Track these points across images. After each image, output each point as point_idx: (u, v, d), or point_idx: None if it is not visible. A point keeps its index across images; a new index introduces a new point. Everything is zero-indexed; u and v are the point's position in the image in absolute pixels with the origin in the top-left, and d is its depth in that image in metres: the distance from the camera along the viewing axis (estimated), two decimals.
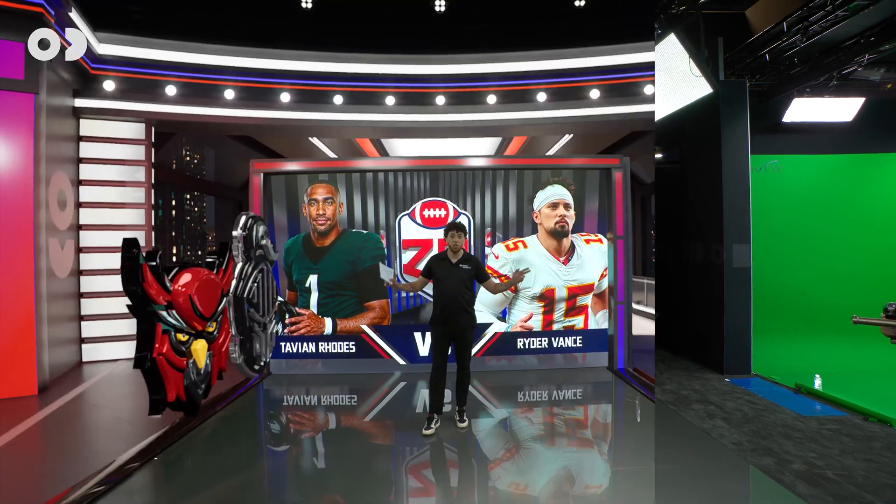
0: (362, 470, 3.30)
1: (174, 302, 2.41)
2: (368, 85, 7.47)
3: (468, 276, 3.90)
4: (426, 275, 4.02)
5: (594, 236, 5.84)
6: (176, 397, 2.50)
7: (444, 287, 3.85)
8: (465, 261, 3.92)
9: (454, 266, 3.88)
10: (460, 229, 3.90)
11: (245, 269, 3.36)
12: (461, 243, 3.90)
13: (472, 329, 3.98)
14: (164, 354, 2.39)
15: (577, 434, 4.26)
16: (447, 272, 3.87)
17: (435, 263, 3.95)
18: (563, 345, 5.80)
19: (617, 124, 7.86)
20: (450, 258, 3.91)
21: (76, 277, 6.41)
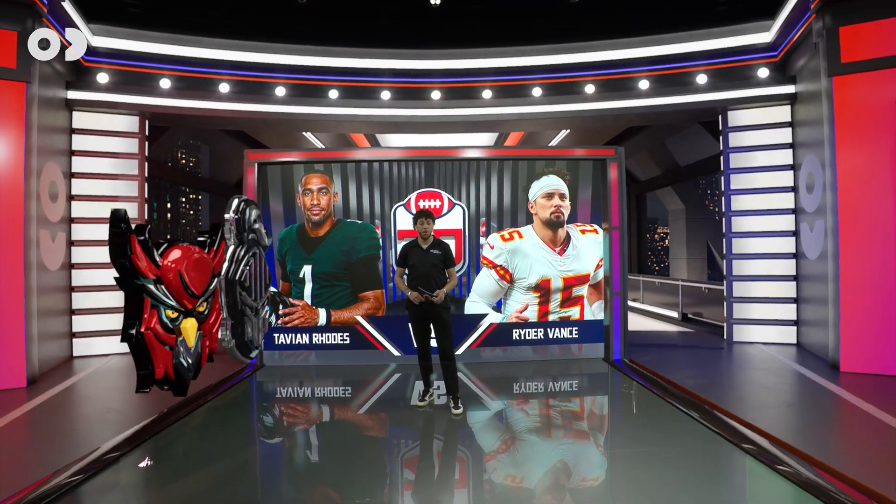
0: (356, 462, 3.24)
1: (163, 277, 2.37)
2: (364, 80, 7.46)
3: (438, 261, 4.05)
4: (401, 263, 4.16)
5: (590, 226, 5.81)
6: (164, 375, 2.39)
7: (417, 272, 4.00)
8: (435, 246, 4.08)
9: (425, 252, 4.05)
10: (429, 216, 4.08)
11: (237, 252, 3.34)
12: (430, 229, 4.07)
13: (447, 311, 4.09)
14: (151, 329, 2.34)
15: (574, 426, 4.19)
16: (419, 257, 4.03)
17: (408, 251, 4.12)
18: (558, 336, 5.75)
19: (612, 119, 7.90)
20: (420, 244, 4.07)
21: (67, 271, 6.34)
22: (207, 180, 11.29)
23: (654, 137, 10.43)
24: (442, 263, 4.06)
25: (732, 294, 6.95)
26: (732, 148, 7.00)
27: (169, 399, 4.13)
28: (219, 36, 7.05)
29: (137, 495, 2.81)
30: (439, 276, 4.03)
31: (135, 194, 6.76)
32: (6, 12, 5.12)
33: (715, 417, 3.84)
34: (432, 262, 4.01)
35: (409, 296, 4.01)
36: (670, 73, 7.19)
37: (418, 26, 7.83)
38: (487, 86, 7.58)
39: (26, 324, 5.14)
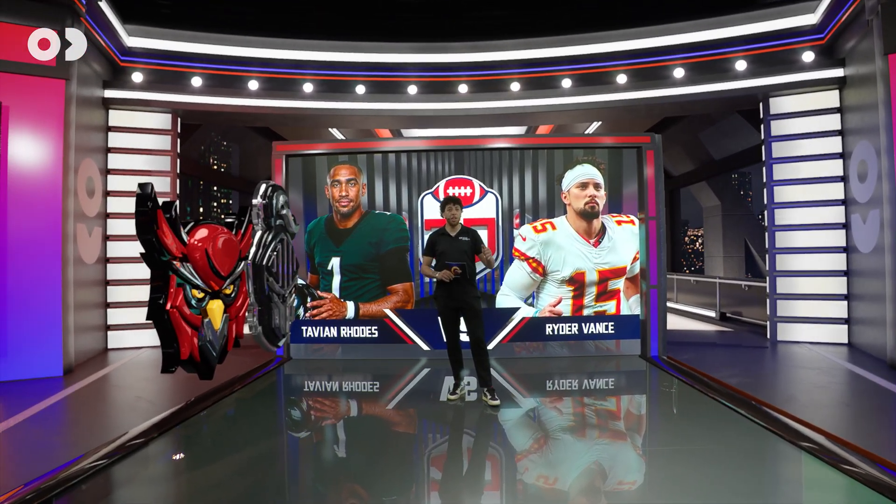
0: (384, 458, 3.13)
1: (190, 256, 2.38)
2: (390, 74, 7.42)
3: (468, 248, 3.92)
4: (429, 252, 4.02)
5: (626, 217, 5.58)
6: (190, 357, 2.36)
7: (446, 260, 3.86)
8: (463, 233, 3.96)
9: (454, 239, 3.92)
10: (457, 203, 3.96)
11: (265, 237, 3.27)
12: (459, 216, 3.95)
13: (479, 300, 3.97)
14: (177, 307, 2.31)
15: (611, 425, 3.96)
16: (448, 245, 3.90)
17: (436, 239, 3.99)
18: (593, 331, 5.53)
19: (645, 109, 7.64)
20: (449, 232, 3.95)
21: (103, 265, 6.47)
22: (237, 178, 11.48)
23: (687, 130, 10.08)
24: (472, 251, 3.94)
25: (776, 291, 6.59)
26: (775, 137, 6.65)
27: (196, 389, 4.17)
28: (248, 34, 7.13)
29: (162, 479, 2.76)
30: (469, 266, 3.90)
31: (167, 190, 6.86)
32: (46, 12, 5.25)
33: (766, 414, 3.58)
34: (462, 250, 3.89)
35: (437, 276, 3.84)
36: (707, 59, 6.90)
37: (444, 19, 7.76)
38: (515, 78, 7.43)
39: (63, 316, 5.24)
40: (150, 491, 2.70)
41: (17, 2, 5.12)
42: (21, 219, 5.06)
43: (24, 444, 3.32)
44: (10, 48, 5.12)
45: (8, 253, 4.98)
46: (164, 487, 2.80)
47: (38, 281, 5.12)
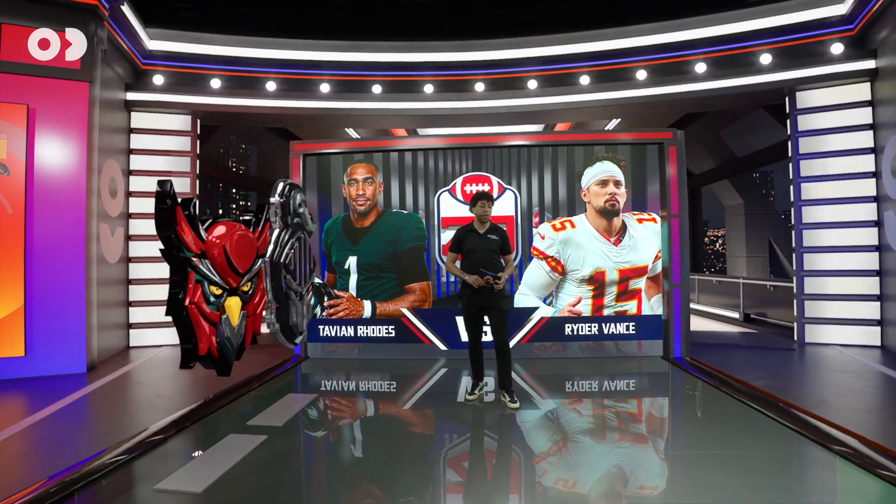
0: (400, 459, 3.08)
1: (208, 252, 2.40)
2: (407, 74, 7.41)
3: (497, 247, 3.83)
4: (456, 249, 3.92)
5: (647, 215, 5.45)
6: (208, 353, 2.46)
7: (474, 258, 3.77)
8: (492, 231, 3.86)
9: (482, 236, 3.82)
10: (489, 199, 3.83)
11: (282, 235, 3.26)
12: (490, 213, 3.84)
13: (506, 300, 3.87)
14: (195, 303, 2.36)
15: (632, 427, 3.82)
16: (476, 242, 3.80)
17: (464, 235, 3.88)
18: (614, 331, 5.42)
19: (666, 106, 7.48)
20: (477, 229, 3.84)
21: (125, 264, 6.58)
22: (255, 179, 11.61)
23: (709, 127, 9.85)
24: (499, 250, 3.84)
25: (804, 291, 6.38)
26: (802, 132, 6.45)
27: (214, 387, 4.23)
28: (266, 35, 7.19)
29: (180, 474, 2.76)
30: (496, 263, 3.81)
31: (188, 191, 6.95)
32: (70, 16, 5.36)
33: (796, 417, 3.45)
34: (490, 248, 3.79)
35: (467, 280, 3.74)
36: (730, 53, 6.74)
37: (461, 18, 7.72)
38: (532, 75, 7.36)
39: (87, 314, 5.33)
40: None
41: (42, 7, 5.23)
42: (46, 219, 5.16)
43: (49, 438, 3.38)
44: (37, 52, 5.23)
45: (34, 252, 5.09)
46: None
47: (63, 280, 5.22)
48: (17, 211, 5.03)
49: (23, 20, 5.20)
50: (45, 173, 5.20)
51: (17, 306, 4.98)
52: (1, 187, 4.99)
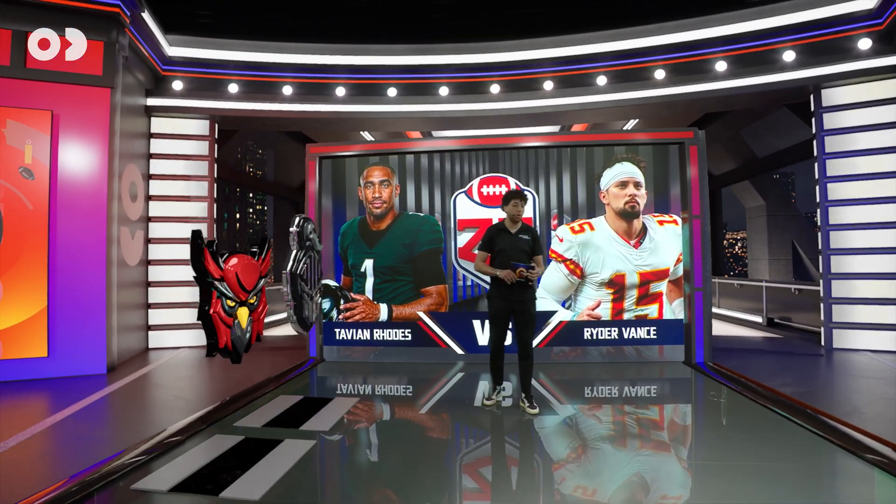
0: (417, 464, 3.04)
1: (225, 277, 3.24)
2: (422, 76, 7.41)
3: (528, 247, 3.74)
4: (486, 248, 3.82)
5: (668, 217, 5.34)
6: (225, 346, 3.34)
7: (505, 258, 3.68)
8: (524, 231, 3.77)
9: (514, 236, 3.73)
10: (523, 198, 3.74)
11: (297, 254, 4.44)
12: (522, 213, 3.75)
13: (534, 302, 3.78)
14: (217, 312, 3.22)
15: (654, 434, 3.70)
16: (508, 243, 3.71)
17: (495, 234, 3.79)
18: (634, 336, 5.30)
19: (685, 105, 7.34)
20: (509, 228, 3.76)
21: (145, 267, 6.67)
22: (272, 183, 11.72)
23: (729, 127, 9.66)
24: (531, 251, 3.75)
25: (831, 295, 6.18)
26: (827, 130, 6.27)
27: (232, 388, 4.32)
28: (282, 40, 7.26)
29: (198, 475, 2.75)
30: (529, 266, 3.71)
31: (205, 194, 7.04)
32: (93, 24, 5.46)
33: (827, 425, 3.32)
34: (521, 248, 3.70)
35: (499, 275, 3.65)
36: (751, 51, 6.58)
37: (476, 19, 7.70)
38: (548, 76, 7.30)
39: (107, 316, 5.40)
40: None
41: (64, 15, 5.34)
42: (69, 222, 5.25)
43: (70, 438, 3.42)
44: (37, 52, 5.31)
45: (57, 255, 5.18)
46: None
47: (85, 282, 5.30)
48: (41, 215, 5.13)
49: (46, 27, 5.30)
50: (68, 178, 5.30)
51: (41, 308, 5.07)
52: (26, 191, 5.09)
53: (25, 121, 5.13)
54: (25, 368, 5.01)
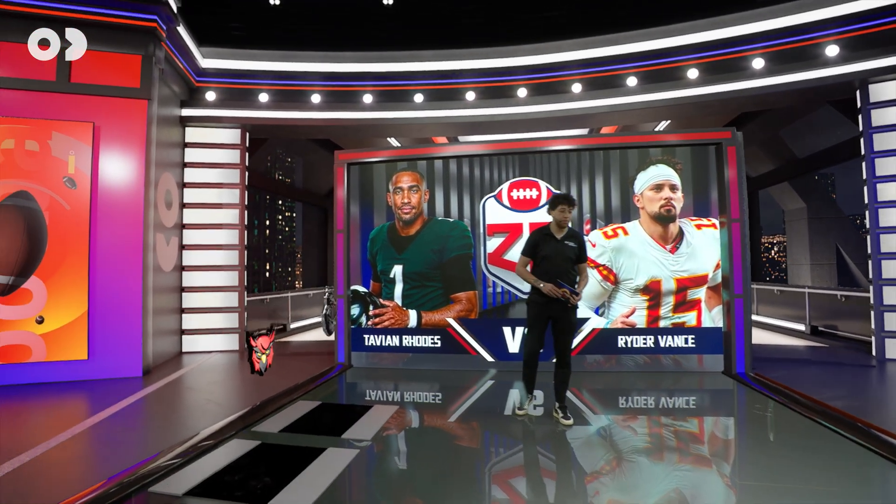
0: (446, 473, 2.97)
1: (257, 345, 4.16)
2: (448, 82, 7.40)
3: (574, 255, 3.59)
4: (529, 253, 3.69)
5: (706, 221, 5.13)
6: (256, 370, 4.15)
7: (549, 265, 3.55)
8: (570, 237, 3.62)
9: (560, 243, 3.58)
10: (571, 202, 3.57)
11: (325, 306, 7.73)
12: (570, 218, 3.60)
13: (575, 310, 3.63)
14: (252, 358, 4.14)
15: (693, 448, 3.49)
16: (554, 249, 3.57)
17: (539, 239, 3.65)
18: (671, 344, 5.10)
19: (720, 105, 7.10)
20: (554, 233, 3.61)
21: (179, 272, 6.82)
22: (301, 191, 11.91)
23: (766, 127, 9.29)
24: (576, 259, 3.61)
25: (882, 302, 5.83)
26: (876, 128, 5.94)
27: (261, 394, 4.37)
28: (311, 49, 7.37)
29: (230, 480, 2.75)
30: (571, 273, 3.59)
31: (236, 201, 7.17)
32: (131, 38, 5.66)
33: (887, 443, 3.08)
34: (567, 256, 3.56)
35: (542, 288, 3.53)
36: (791, 47, 6.32)
37: (501, 23, 7.65)
38: (576, 79, 7.19)
39: (143, 320, 5.54)
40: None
41: (103, 31, 5.54)
42: (108, 229, 5.42)
43: (108, 439, 3.50)
44: (100, 73, 5.54)
45: (97, 261, 5.34)
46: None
47: (122, 287, 5.45)
48: (83, 222, 5.31)
49: (88, 44, 5.51)
50: (108, 187, 5.47)
51: (82, 311, 5.23)
52: (69, 200, 5.28)
53: (69, 132, 5.34)
54: (67, 370, 5.17)
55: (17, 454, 3.16)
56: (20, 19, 5.31)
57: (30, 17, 5.33)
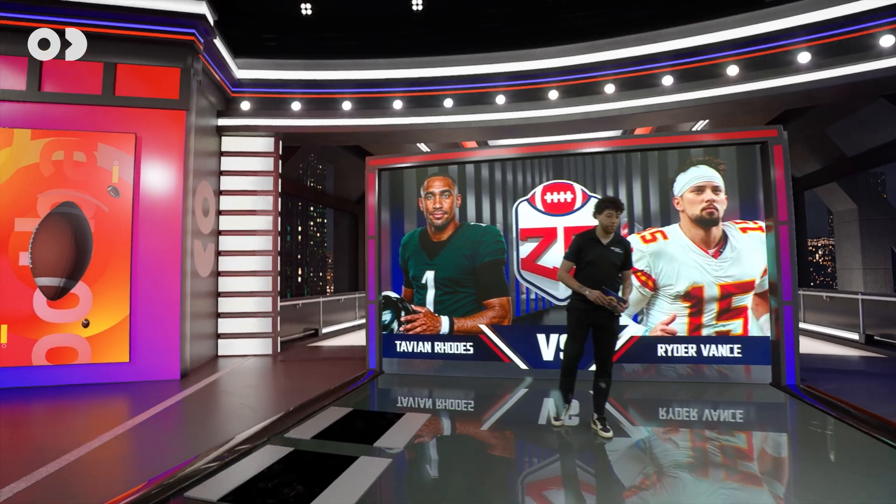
0: (479, 484, 2.88)
1: None
2: (478, 86, 7.36)
3: (619, 261, 3.44)
4: (573, 258, 3.53)
5: (753, 223, 4.88)
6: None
7: (593, 271, 3.40)
8: (616, 243, 3.47)
9: (605, 248, 3.44)
10: (618, 207, 3.41)
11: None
12: (617, 223, 3.44)
13: (618, 318, 3.48)
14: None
15: (741, 466, 3.24)
16: (599, 255, 3.42)
17: (584, 244, 3.50)
18: (714, 353, 4.86)
19: (762, 102, 6.79)
20: (600, 238, 3.46)
21: (215, 278, 6.98)
22: (331, 197, 12.08)
23: (813, 125, 8.85)
24: (622, 266, 3.47)
25: None
26: None
27: (294, 399, 4.39)
28: (341, 57, 7.46)
29: (263, 486, 2.75)
30: (616, 280, 3.44)
31: (270, 208, 7.30)
32: (170, 52, 5.84)
33: None
34: (612, 262, 3.41)
35: (587, 294, 3.39)
36: (840, 38, 5.99)
37: (532, 24, 7.57)
38: (610, 79, 7.02)
39: (181, 324, 5.67)
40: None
41: (144, 45, 5.75)
42: (148, 236, 5.59)
43: (148, 440, 3.59)
44: (142, 86, 5.74)
45: (138, 267, 5.51)
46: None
47: (162, 292, 5.60)
48: (125, 229, 5.50)
49: (131, 59, 5.73)
50: (148, 195, 5.65)
51: (124, 315, 5.41)
52: (113, 208, 5.48)
53: (113, 143, 5.54)
54: (110, 372, 5.35)
55: (65, 453, 3.26)
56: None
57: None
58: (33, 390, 5.04)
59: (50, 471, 2.99)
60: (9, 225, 5.23)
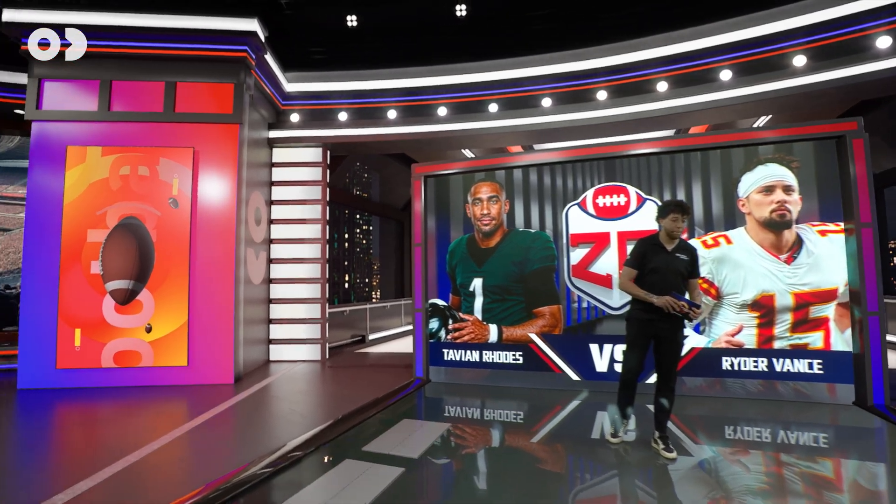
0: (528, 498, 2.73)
1: None
2: (523, 90, 7.24)
3: (685, 269, 3.21)
4: (635, 264, 3.32)
5: (834, 226, 4.46)
6: None
7: (657, 279, 3.20)
8: (682, 249, 3.26)
9: (670, 254, 3.23)
10: (685, 211, 3.19)
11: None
12: (683, 228, 3.22)
13: (683, 332, 3.25)
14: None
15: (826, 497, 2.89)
16: (664, 262, 3.22)
17: (648, 249, 3.29)
18: (788, 368, 4.46)
19: (834, 94, 6.25)
20: (664, 244, 3.26)
21: (267, 285, 7.19)
22: (377, 204, 12.27)
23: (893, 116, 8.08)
24: (687, 273, 3.25)
25: None
26: None
27: (342, 407, 4.41)
28: (385, 66, 7.55)
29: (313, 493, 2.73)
30: (681, 290, 3.23)
31: (318, 217, 7.46)
32: (224, 69, 6.10)
33: None
34: (677, 270, 3.21)
35: (655, 302, 3.19)
36: None
37: (577, 24, 7.36)
38: (661, 76, 6.71)
39: (235, 330, 5.85)
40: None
41: (200, 64, 6.02)
42: (205, 245, 5.83)
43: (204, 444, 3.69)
44: (198, 102, 6.02)
45: (196, 275, 5.75)
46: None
47: (217, 299, 5.81)
48: (184, 239, 5.75)
49: (189, 77, 6.02)
50: (205, 206, 5.90)
51: (183, 321, 5.64)
52: (172, 219, 5.75)
53: (173, 157, 5.83)
54: (170, 375, 5.59)
55: (128, 454, 3.40)
56: (133, 60, 5.91)
57: (140, 58, 5.91)
58: (101, 391, 5.34)
59: (114, 471, 3.12)
60: (82, 236, 5.60)
